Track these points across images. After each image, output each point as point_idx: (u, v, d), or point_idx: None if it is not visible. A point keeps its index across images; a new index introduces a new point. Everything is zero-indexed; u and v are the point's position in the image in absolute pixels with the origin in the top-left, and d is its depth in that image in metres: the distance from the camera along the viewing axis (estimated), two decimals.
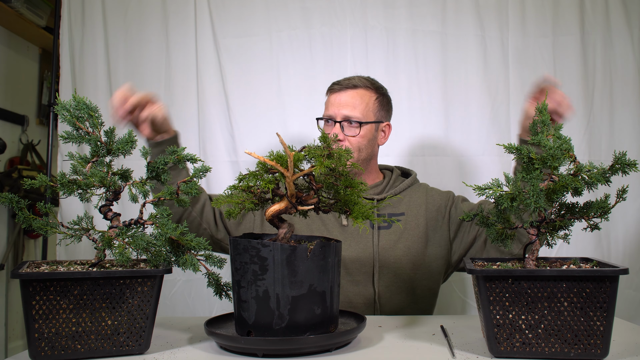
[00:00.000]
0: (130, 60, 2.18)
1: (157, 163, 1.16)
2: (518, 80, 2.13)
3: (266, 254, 1.04)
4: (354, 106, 1.62)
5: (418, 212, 1.64)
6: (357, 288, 1.58)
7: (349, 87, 1.64)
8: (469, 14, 2.15)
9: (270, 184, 1.06)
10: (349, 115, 1.61)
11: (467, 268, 1.07)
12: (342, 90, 1.64)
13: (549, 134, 1.08)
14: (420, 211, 1.64)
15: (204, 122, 2.16)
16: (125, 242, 1.04)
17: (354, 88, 1.64)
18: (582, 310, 1.00)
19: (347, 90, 1.64)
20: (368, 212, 1.07)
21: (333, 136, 1.10)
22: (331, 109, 1.64)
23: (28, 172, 2.77)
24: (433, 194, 1.69)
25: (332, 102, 1.64)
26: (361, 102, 1.63)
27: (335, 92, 1.65)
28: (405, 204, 1.65)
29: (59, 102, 1.10)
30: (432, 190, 1.71)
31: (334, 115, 1.63)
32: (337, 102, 1.63)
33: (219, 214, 1.63)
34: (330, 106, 1.65)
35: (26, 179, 1.06)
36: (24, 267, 1.05)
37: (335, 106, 1.63)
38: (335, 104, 1.63)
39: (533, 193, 1.01)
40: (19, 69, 2.94)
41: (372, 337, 1.18)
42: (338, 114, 1.62)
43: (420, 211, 1.64)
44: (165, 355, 1.07)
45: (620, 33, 2.13)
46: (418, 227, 1.62)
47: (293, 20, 2.17)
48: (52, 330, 1.00)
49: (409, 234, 1.61)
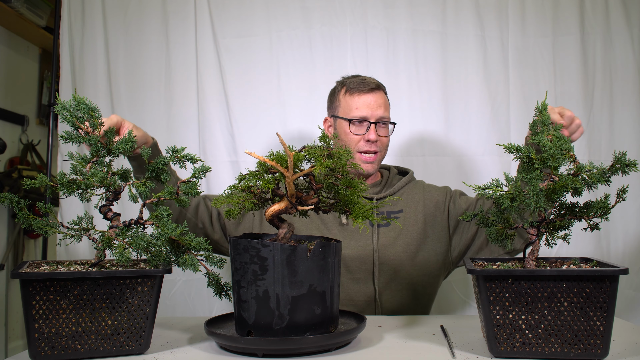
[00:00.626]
0: (130, 60, 2.18)
1: (157, 163, 1.16)
2: (518, 80, 2.13)
3: (266, 254, 1.04)
4: (386, 107, 1.66)
5: (416, 209, 1.65)
6: (358, 286, 1.58)
7: (374, 88, 1.65)
8: (469, 14, 2.15)
9: (270, 184, 1.06)
10: (383, 116, 1.64)
11: (467, 268, 1.07)
12: (371, 92, 1.65)
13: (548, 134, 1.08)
14: (419, 208, 1.65)
15: (204, 122, 2.16)
16: (125, 242, 1.04)
17: (378, 89, 1.66)
18: (582, 310, 1.00)
19: (376, 92, 1.65)
20: (368, 212, 1.07)
21: (333, 135, 1.10)
22: (365, 110, 1.63)
23: (28, 172, 2.77)
24: (430, 190, 1.70)
25: (366, 103, 1.63)
26: (387, 103, 1.68)
27: (365, 93, 1.64)
28: (403, 202, 1.66)
29: (59, 102, 1.10)
30: (429, 187, 1.72)
31: (368, 117, 1.63)
32: (371, 103, 1.63)
33: (216, 215, 1.63)
34: (364, 107, 1.63)
35: (26, 179, 1.06)
36: (24, 267, 1.05)
37: (369, 107, 1.63)
38: (369, 105, 1.63)
39: (533, 193, 1.01)
40: (19, 69, 2.94)
41: (372, 337, 1.18)
42: (373, 115, 1.63)
43: (419, 208, 1.65)
44: (165, 355, 1.07)
45: (620, 33, 2.13)
46: (417, 223, 1.63)
47: (293, 20, 2.17)
48: (52, 330, 1.00)
49: (407, 231, 1.62)
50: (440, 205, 1.66)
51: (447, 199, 1.67)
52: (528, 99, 2.11)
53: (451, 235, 1.65)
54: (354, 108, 1.64)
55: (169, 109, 2.15)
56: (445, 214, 1.65)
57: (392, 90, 1.75)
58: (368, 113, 1.63)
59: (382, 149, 1.67)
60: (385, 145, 1.68)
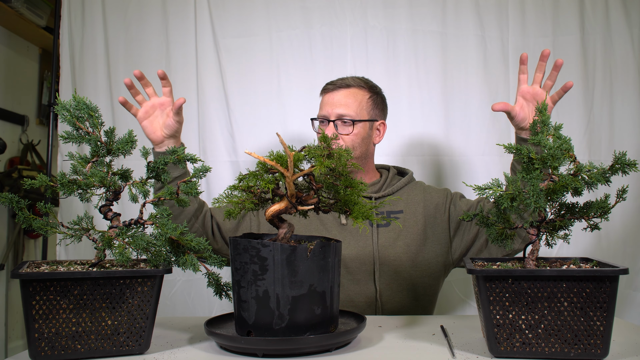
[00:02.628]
0: (130, 60, 2.18)
1: (157, 163, 1.16)
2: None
3: (266, 254, 1.04)
4: (347, 105, 1.63)
5: (416, 210, 1.65)
6: (358, 287, 1.58)
7: (342, 86, 1.66)
8: (469, 14, 2.15)
9: (270, 184, 1.06)
10: (342, 113, 1.63)
11: (467, 268, 1.07)
12: (335, 90, 1.66)
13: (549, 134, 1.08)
14: (419, 209, 1.65)
15: (204, 122, 2.16)
16: (125, 242, 1.04)
17: (347, 87, 1.66)
18: (582, 310, 1.00)
19: (340, 90, 1.65)
20: (368, 212, 1.07)
21: (333, 135, 1.10)
22: (325, 109, 1.65)
23: (28, 172, 2.77)
24: (430, 192, 1.70)
25: (326, 102, 1.66)
26: (354, 101, 1.64)
27: (328, 92, 1.67)
28: (403, 202, 1.66)
29: (59, 102, 1.10)
30: (429, 188, 1.72)
31: (327, 115, 1.64)
32: (330, 102, 1.65)
33: (216, 225, 1.63)
34: (324, 106, 1.66)
35: (26, 179, 1.06)
36: (24, 267, 1.05)
37: (328, 105, 1.64)
38: (328, 103, 1.65)
39: (533, 193, 1.01)
40: (19, 69, 2.94)
41: (372, 337, 1.18)
42: (332, 113, 1.63)
43: (419, 209, 1.65)
44: (165, 355, 1.07)
45: (620, 33, 2.13)
46: (417, 224, 1.63)
47: (293, 20, 2.17)
48: (52, 330, 1.00)
49: (407, 231, 1.62)
50: (440, 207, 1.66)
51: (448, 201, 1.67)
52: None
53: (452, 237, 1.65)
54: (320, 107, 1.68)
55: None
56: (445, 216, 1.65)
57: (392, 90, 1.75)
58: (328, 111, 1.64)
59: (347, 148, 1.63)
60: (350, 144, 1.61)
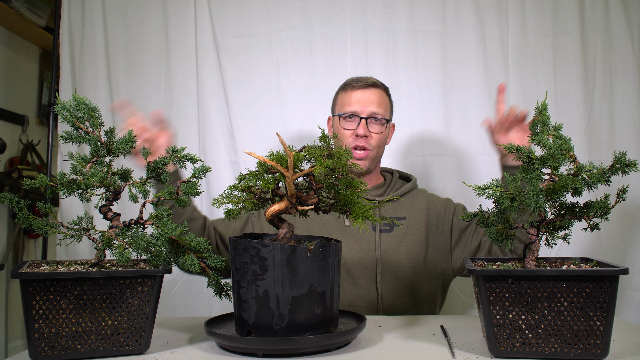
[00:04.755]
0: (130, 60, 2.18)
1: (157, 163, 1.16)
2: (518, 80, 2.13)
3: (266, 254, 1.04)
4: (379, 104, 1.65)
5: (419, 217, 1.64)
6: (360, 291, 1.57)
7: (370, 85, 1.66)
8: (469, 14, 2.15)
9: (270, 184, 1.06)
10: (375, 112, 1.63)
11: (467, 268, 1.07)
12: (365, 88, 1.65)
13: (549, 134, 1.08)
14: (422, 216, 1.64)
15: (204, 122, 2.16)
16: (125, 242, 1.04)
17: (375, 87, 1.66)
18: (582, 310, 1.00)
19: (370, 88, 1.65)
20: (368, 212, 1.07)
21: (332, 135, 1.10)
22: (356, 105, 1.64)
23: (28, 172, 2.77)
24: (434, 201, 1.70)
25: (357, 99, 1.64)
26: (384, 101, 1.67)
27: (357, 89, 1.65)
28: (407, 208, 1.66)
29: (59, 102, 1.10)
30: (432, 197, 1.72)
31: (359, 112, 1.63)
32: (362, 99, 1.64)
33: (219, 237, 1.62)
34: (356, 103, 1.64)
35: (26, 179, 1.06)
36: (24, 267, 1.05)
37: (361, 103, 1.63)
38: (361, 100, 1.64)
39: (533, 193, 1.01)
40: (19, 69, 2.94)
41: (372, 337, 1.18)
42: (364, 110, 1.63)
43: (422, 216, 1.64)
44: (165, 355, 1.07)
45: (620, 33, 2.13)
46: (419, 231, 1.62)
47: (293, 20, 2.17)
48: (52, 330, 1.00)
49: (410, 238, 1.61)
50: (442, 217, 1.66)
51: (450, 212, 1.67)
52: (528, 99, 2.11)
53: (452, 248, 1.65)
54: (346, 104, 1.66)
55: (169, 109, 2.15)
56: (447, 227, 1.65)
57: (392, 90, 1.75)
58: (359, 108, 1.63)
59: (374, 147, 1.64)
60: (377, 144, 1.65)
